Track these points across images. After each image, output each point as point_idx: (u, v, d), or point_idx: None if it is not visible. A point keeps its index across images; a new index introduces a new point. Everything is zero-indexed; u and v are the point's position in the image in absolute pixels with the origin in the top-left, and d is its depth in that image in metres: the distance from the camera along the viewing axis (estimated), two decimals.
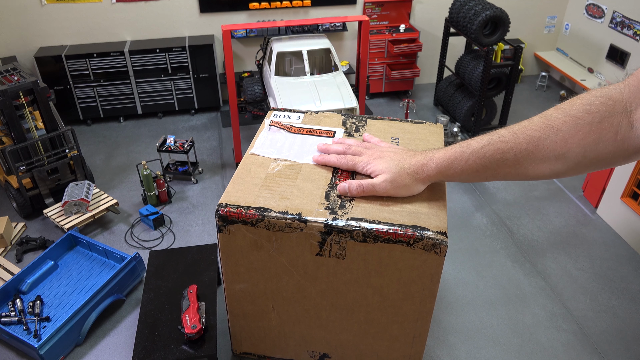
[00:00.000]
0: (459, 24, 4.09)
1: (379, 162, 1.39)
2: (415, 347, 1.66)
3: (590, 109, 1.01)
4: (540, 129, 1.09)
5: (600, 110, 1.00)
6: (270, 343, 1.83)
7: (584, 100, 1.03)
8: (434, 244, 1.35)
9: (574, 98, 1.07)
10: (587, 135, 1.02)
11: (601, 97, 1.01)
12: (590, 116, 1.01)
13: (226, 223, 1.47)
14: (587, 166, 1.06)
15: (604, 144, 1.00)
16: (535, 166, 1.12)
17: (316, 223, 1.41)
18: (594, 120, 1.00)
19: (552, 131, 1.07)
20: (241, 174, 1.58)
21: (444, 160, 1.28)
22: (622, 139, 0.98)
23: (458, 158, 1.25)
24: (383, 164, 1.38)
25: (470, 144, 1.23)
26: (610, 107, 0.99)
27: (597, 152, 1.02)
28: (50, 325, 2.33)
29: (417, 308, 1.53)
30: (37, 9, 4.16)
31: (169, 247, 2.96)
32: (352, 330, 1.67)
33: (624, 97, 0.98)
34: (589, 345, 2.29)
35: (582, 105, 1.03)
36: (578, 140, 1.03)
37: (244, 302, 1.70)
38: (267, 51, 3.95)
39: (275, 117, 1.87)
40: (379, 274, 1.47)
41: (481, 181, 1.28)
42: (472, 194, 3.42)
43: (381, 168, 1.38)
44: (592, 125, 1.01)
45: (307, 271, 1.54)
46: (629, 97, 0.97)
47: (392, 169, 1.37)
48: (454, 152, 1.26)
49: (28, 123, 3.13)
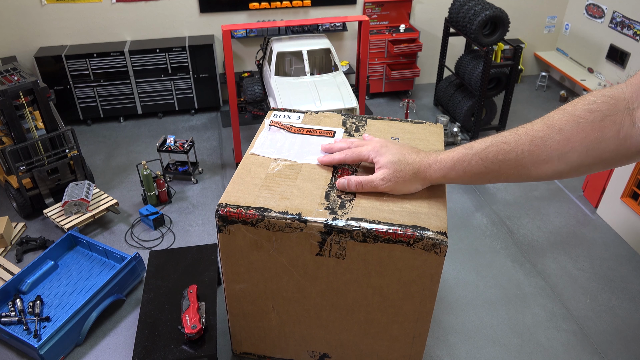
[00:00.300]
0: (458, 24, 4.09)
1: (384, 152, 1.38)
2: (415, 347, 1.66)
3: (592, 107, 1.01)
4: (543, 130, 1.10)
5: (603, 109, 1.00)
6: (270, 343, 1.83)
7: (586, 100, 1.04)
8: (434, 244, 1.35)
9: (576, 99, 1.07)
10: (589, 133, 1.02)
11: (603, 96, 1.01)
12: (592, 115, 1.01)
13: (226, 223, 1.47)
14: (590, 166, 1.06)
15: (606, 142, 1.00)
16: (538, 167, 1.13)
17: (316, 223, 1.41)
18: (596, 119, 1.01)
19: (554, 131, 1.07)
20: (241, 174, 1.58)
21: (446, 162, 1.29)
22: (624, 137, 0.98)
23: (461, 160, 1.25)
24: (387, 156, 1.37)
25: (473, 146, 1.23)
26: (612, 105, 0.99)
27: (599, 151, 1.02)
28: (50, 325, 2.33)
29: (417, 308, 1.53)
30: (37, 9, 4.16)
31: (169, 247, 2.96)
32: (352, 330, 1.68)
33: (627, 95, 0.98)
34: (589, 345, 2.29)
35: (584, 104, 1.03)
36: (580, 139, 1.03)
37: (244, 302, 1.70)
38: (267, 51, 3.95)
39: (275, 117, 1.87)
40: (379, 274, 1.47)
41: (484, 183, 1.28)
42: (472, 194, 3.42)
43: (384, 161, 1.37)
44: (594, 123, 1.01)
45: (307, 271, 1.54)
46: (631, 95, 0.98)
47: (394, 165, 1.36)
48: (456, 154, 1.26)
49: (28, 123, 3.13)
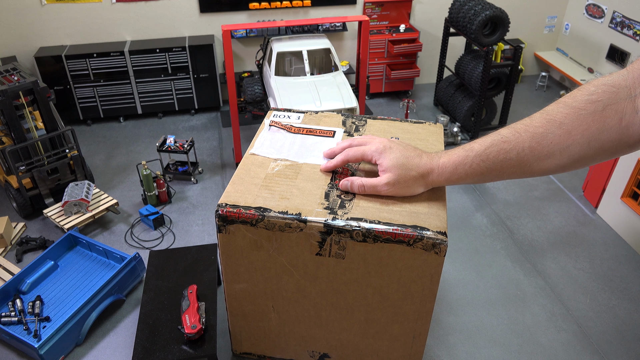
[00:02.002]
0: (458, 24, 4.09)
1: (387, 154, 1.36)
2: (415, 346, 1.66)
3: (593, 98, 1.00)
4: (543, 125, 1.08)
5: (603, 99, 0.98)
6: (270, 343, 1.83)
7: (586, 91, 1.02)
8: (434, 244, 1.35)
9: (575, 90, 1.05)
10: (590, 125, 1.00)
11: (603, 85, 0.99)
12: (593, 105, 0.99)
13: (226, 223, 1.47)
14: (592, 157, 1.05)
15: (608, 132, 0.99)
16: (540, 163, 1.11)
17: (316, 223, 1.41)
18: (597, 109, 0.99)
19: (554, 125, 1.06)
20: (241, 174, 1.58)
21: (448, 166, 1.28)
22: (627, 125, 0.96)
23: (462, 163, 1.24)
24: (391, 160, 1.35)
25: (474, 147, 1.21)
26: (613, 94, 0.97)
27: (601, 142, 1.00)
28: (50, 325, 2.33)
29: (417, 308, 1.53)
30: (37, 9, 4.16)
31: (169, 247, 2.96)
32: (352, 330, 1.67)
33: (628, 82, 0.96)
34: (589, 345, 2.29)
35: (584, 95, 1.02)
36: (582, 131, 1.01)
37: (244, 302, 1.70)
38: (267, 51, 3.95)
39: (275, 117, 1.87)
40: (378, 274, 1.47)
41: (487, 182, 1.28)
42: (472, 194, 3.42)
43: (388, 164, 1.35)
44: (595, 114, 0.99)
45: (307, 271, 1.54)
46: (632, 82, 0.96)
47: (398, 170, 1.35)
48: (457, 157, 1.25)
49: (28, 123, 3.13)
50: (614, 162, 3.07)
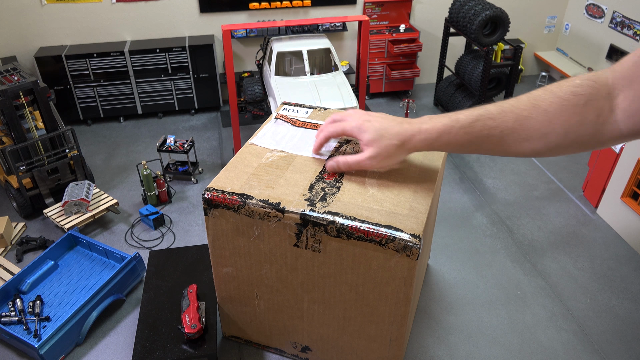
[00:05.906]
0: (458, 24, 4.09)
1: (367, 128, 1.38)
2: (392, 350, 1.64)
3: (577, 91, 1.04)
4: (528, 109, 1.11)
5: (586, 93, 1.02)
6: (256, 329, 1.85)
7: (572, 83, 1.06)
8: (406, 246, 1.33)
9: (562, 80, 1.09)
10: (571, 116, 1.04)
11: (588, 80, 1.03)
12: (576, 98, 1.03)
13: (211, 207, 1.51)
14: (566, 148, 1.09)
15: (585, 126, 1.03)
16: (518, 145, 1.15)
17: (293, 214, 1.42)
18: (579, 103, 1.03)
19: (538, 111, 1.09)
20: (235, 162, 1.61)
21: (431, 132, 1.29)
22: (602, 122, 1.01)
23: (446, 132, 1.25)
24: (370, 133, 1.37)
25: (459, 119, 1.23)
26: (595, 90, 1.01)
27: (577, 134, 1.05)
28: (50, 325, 2.33)
29: (392, 310, 1.52)
30: (37, 9, 4.16)
31: (169, 247, 2.96)
32: (331, 325, 1.68)
33: (609, 82, 1.00)
34: (589, 345, 2.29)
35: (570, 87, 1.06)
36: (562, 122, 1.06)
37: (230, 285, 1.73)
38: (267, 51, 3.95)
39: (283, 110, 1.91)
40: (353, 271, 1.47)
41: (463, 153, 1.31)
42: (472, 193, 3.42)
43: (368, 138, 1.37)
44: (577, 107, 1.03)
45: (286, 261, 1.55)
46: (613, 82, 1.00)
47: (378, 142, 1.36)
48: (442, 126, 1.26)
49: (28, 123, 3.13)
50: (614, 162, 3.07)
